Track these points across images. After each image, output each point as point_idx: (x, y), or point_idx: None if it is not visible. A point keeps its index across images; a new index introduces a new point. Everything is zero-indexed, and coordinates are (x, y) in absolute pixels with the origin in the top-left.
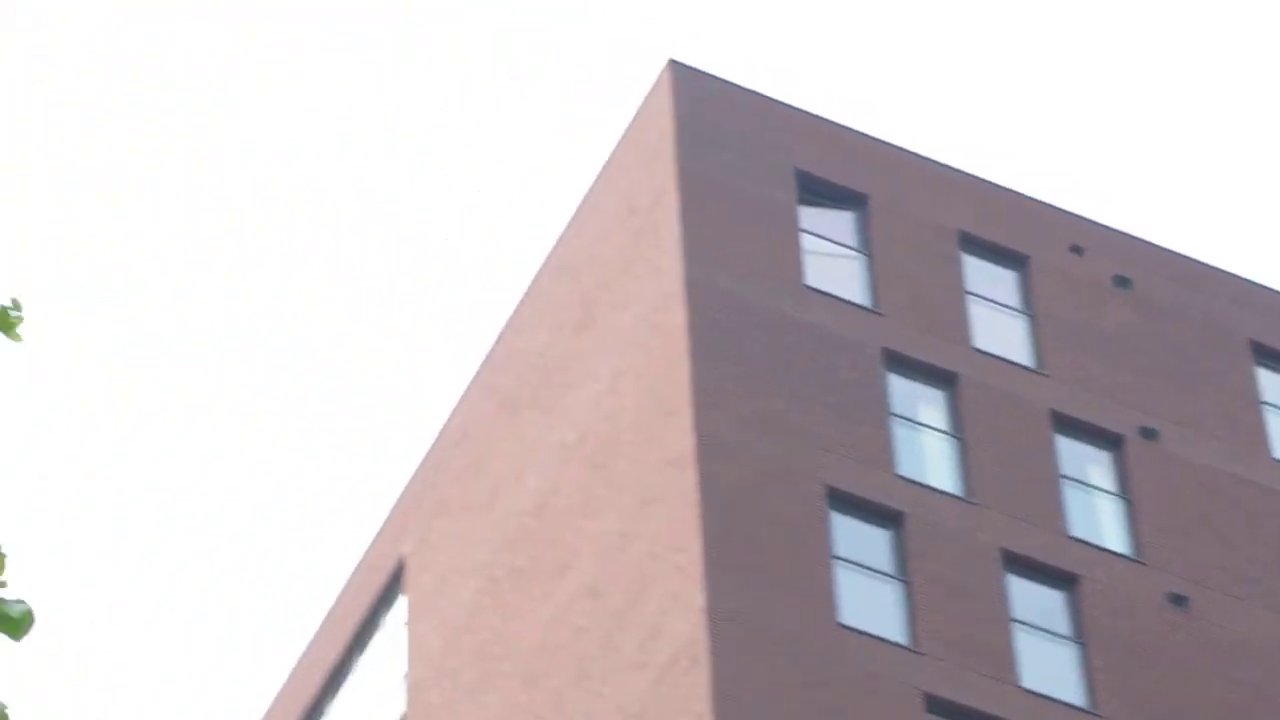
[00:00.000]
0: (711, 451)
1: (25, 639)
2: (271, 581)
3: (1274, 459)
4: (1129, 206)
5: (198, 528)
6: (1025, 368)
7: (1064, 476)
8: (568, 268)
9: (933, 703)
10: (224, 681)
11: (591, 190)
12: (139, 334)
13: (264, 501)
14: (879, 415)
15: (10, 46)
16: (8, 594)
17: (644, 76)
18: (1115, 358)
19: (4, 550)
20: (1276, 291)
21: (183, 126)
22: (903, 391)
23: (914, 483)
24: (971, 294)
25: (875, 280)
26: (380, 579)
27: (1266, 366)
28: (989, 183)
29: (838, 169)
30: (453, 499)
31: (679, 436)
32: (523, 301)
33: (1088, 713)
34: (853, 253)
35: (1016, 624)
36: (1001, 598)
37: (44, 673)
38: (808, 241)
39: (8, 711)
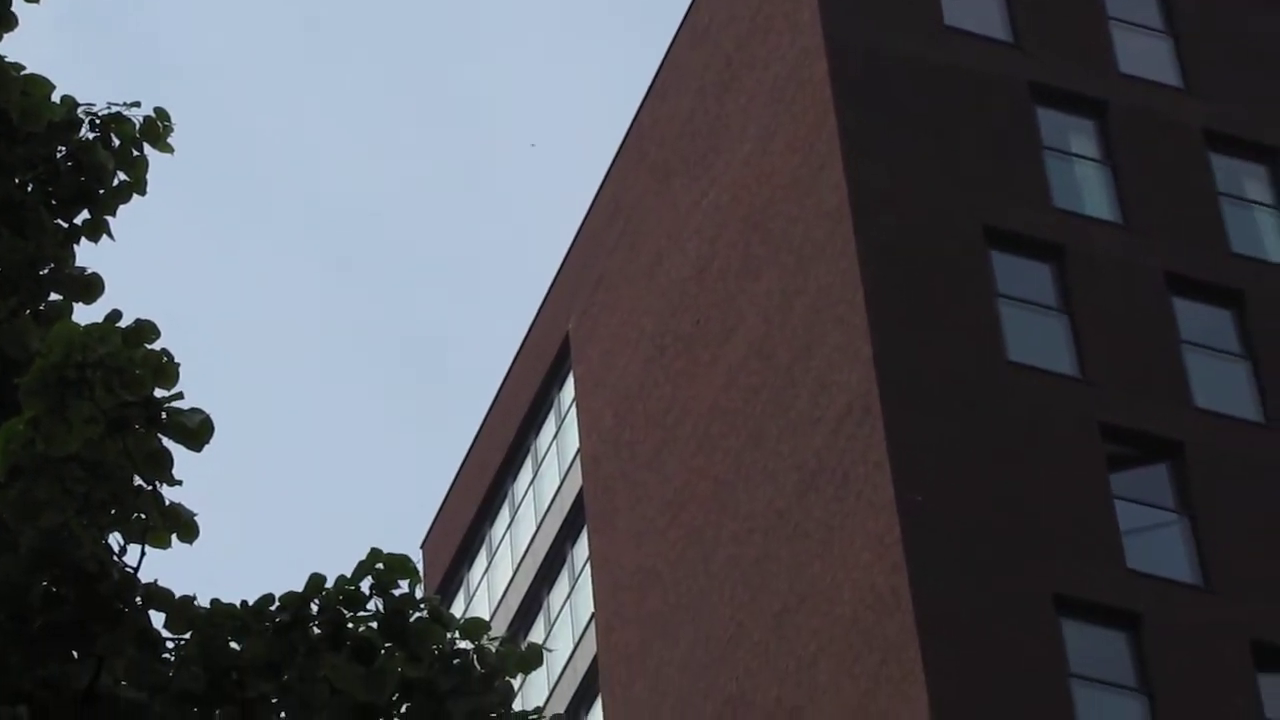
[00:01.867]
0: (866, 201)
1: (204, 448)
2: (437, 369)
3: None
4: None
5: (360, 317)
6: (1174, 88)
7: (1221, 194)
8: (705, 31)
9: (1109, 431)
10: (400, 470)
11: None
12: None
13: (422, 286)
14: (1031, 150)
15: None
16: (184, 404)
17: None
18: (1265, 69)
19: (177, 359)
20: None
21: None
22: (1052, 124)
23: (1071, 213)
24: (1114, 19)
25: (1014, 14)
26: (547, 357)
27: None
28: None
29: None
30: (612, 271)
31: (833, 189)
32: (663, 68)
33: (1265, 427)
34: None
35: (1185, 345)
36: (1168, 320)
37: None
38: None
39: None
